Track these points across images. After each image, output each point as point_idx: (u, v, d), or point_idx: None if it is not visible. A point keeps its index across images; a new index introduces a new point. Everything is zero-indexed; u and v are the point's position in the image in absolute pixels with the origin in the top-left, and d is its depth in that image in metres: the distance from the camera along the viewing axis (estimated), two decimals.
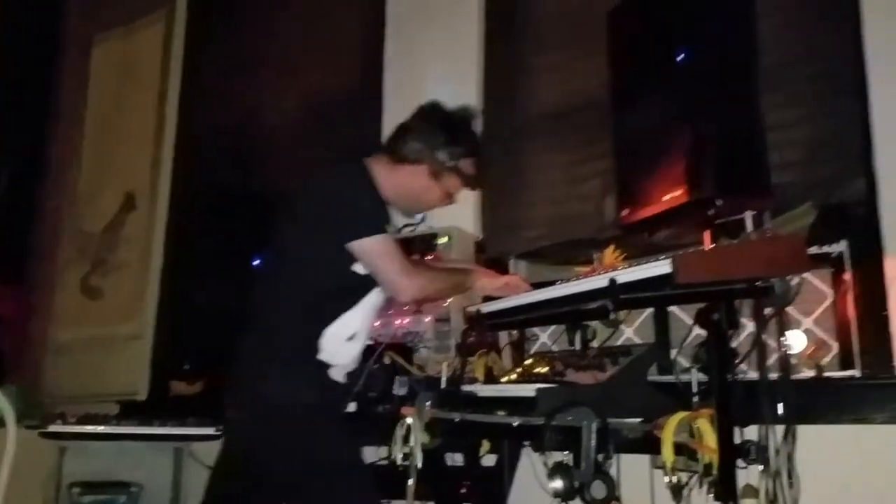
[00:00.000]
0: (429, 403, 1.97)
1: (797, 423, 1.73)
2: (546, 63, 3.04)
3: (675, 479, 1.55)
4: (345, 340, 2.00)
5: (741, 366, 1.76)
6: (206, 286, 3.80)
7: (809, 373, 2.21)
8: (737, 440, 1.60)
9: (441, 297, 2.19)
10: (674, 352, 2.02)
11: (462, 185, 2.14)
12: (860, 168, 2.24)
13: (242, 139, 4.00)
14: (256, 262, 3.35)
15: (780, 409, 1.70)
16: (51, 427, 3.05)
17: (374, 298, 2.05)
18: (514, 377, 2.07)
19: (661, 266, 1.47)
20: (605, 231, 2.57)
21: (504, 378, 2.15)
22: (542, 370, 2.03)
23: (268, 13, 4.13)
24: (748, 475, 1.65)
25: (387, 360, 2.28)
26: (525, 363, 2.14)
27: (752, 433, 1.69)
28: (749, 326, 1.81)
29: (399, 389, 2.22)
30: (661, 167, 1.91)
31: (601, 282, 1.60)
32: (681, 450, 1.54)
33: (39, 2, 5.09)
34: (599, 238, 2.57)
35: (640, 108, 2.04)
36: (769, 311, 1.75)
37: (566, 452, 1.62)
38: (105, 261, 4.38)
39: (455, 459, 2.45)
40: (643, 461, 1.88)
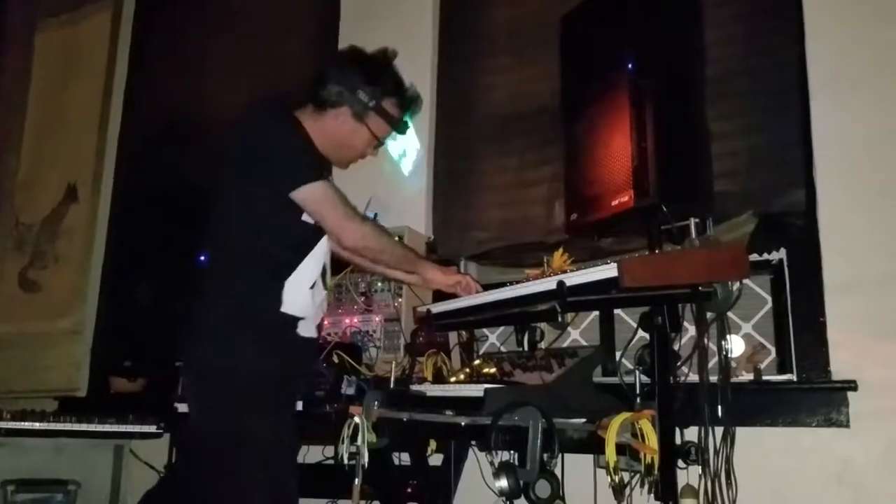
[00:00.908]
0: (377, 403, 1.97)
1: (736, 425, 1.79)
2: (499, 66, 3.07)
3: (618, 479, 1.58)
4: (308, 290, 1.97)
5: (683, 368, 1.81)
6: (149, 281, 3.71)
7: (748, 376, 2.28)
8: (678, 441, 1.64)
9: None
10: (618, 354, 2.07)
11: (388, 128, 2.10)
12: (800, 179, 2.32)
13: (189, 132, 3.91)
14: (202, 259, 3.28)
15: (720, 412, 1.75)
16: None
17: (325, 245, 2.04)
18: (463, 377, 2.09)
19: (608, 270, 1.50)
20: (555, 235, 2.60)
21: (453, 378, 2.17)
22: (491, 371, 2.05)
23: (220, 4, 4.06)
24: (688, 475, 1.70)
25: (335, 359, 2.27)
26: (474, 363, 2.16)
27: (693, 434, 1.74)
28: (691, 330, 1.85)
29: (347, 389, 2.21)
30: (609, 173, 1.94)
31: (550, 284, 1.63)
32: (623, 450, 1.57)
33: None
34: (549, 241, 2.60)
35: (589, 115, 2.07)
36: (710, 316, 1.80)
37: (512, 452, 1.63)
38: (44, 253, 4.25)
39: (402, 459, 2.46)
40: (587, 461, 1.92)
